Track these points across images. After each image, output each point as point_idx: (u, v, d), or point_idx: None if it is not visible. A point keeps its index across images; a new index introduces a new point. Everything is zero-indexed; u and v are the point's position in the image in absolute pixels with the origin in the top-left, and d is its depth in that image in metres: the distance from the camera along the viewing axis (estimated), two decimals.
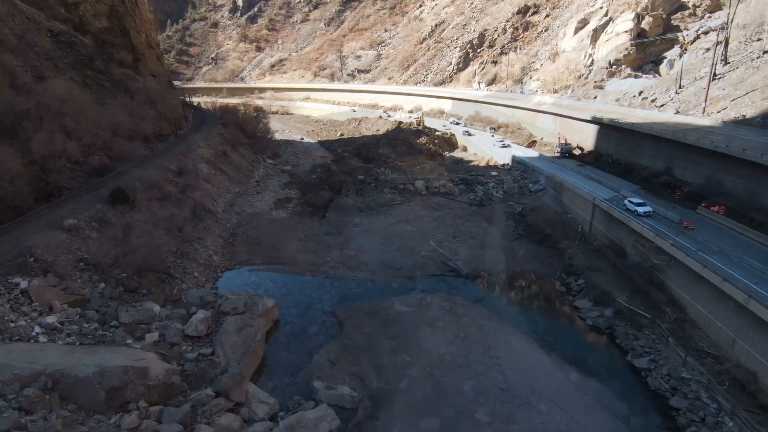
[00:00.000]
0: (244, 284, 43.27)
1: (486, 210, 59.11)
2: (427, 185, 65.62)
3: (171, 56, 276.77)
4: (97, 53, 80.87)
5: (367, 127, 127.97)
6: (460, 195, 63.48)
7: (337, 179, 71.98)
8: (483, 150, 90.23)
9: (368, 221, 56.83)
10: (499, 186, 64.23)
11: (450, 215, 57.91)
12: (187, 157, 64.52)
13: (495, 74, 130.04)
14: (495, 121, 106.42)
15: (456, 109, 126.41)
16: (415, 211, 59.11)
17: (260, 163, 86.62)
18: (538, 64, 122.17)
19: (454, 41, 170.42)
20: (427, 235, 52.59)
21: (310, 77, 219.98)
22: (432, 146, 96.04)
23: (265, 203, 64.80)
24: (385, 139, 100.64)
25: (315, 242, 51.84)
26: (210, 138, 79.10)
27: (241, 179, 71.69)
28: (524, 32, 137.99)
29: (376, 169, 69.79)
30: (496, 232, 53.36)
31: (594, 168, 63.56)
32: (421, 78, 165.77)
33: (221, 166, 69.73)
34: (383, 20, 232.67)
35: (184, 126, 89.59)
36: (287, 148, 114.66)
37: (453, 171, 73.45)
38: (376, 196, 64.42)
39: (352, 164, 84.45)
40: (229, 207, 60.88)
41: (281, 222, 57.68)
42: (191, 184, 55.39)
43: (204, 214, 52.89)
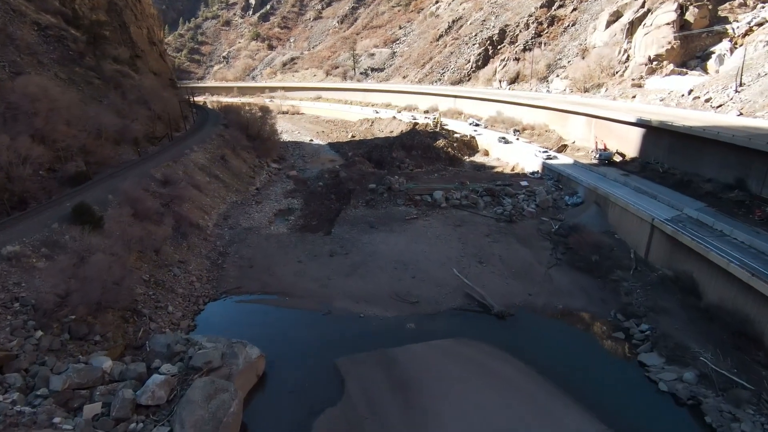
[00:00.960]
0: (228, 321, 35.97)
1: (516, 227, 50.86)
2: (446, 196, 57.63)
3: (182, 55, 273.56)
4: (89, 49, 74.72)
5: (380, 128, 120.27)
6: (485, 208, 55.33)
7: (345, 188, 64.48)
8: (507, 154, 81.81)
9: (379, 239, 49.13)
10: (530, 198, 55.85)
11: (474, 233, 49.85)
12: (177, 163, 57.66)
13: (517, 72, 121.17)
14: (519, 122, 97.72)
15: (475, 110, 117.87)
16: (433, 228, 51.19)
17: (263, 168, 79.62)
18: (565, 61, 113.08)
19: (472, 38, 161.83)
20: (448, 258, 44.68)
21: (322, 76, 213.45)
22: (450, 150, 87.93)
23: (264, 215, 57.57)
24: (399, 141, 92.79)
25: (317, 265, 44.33)
26: (208, 141, 72.31)
27: (239, 187, 64.65)
28: (549, 27, 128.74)
29: (389, 177, 62.00)
30: (530, 255, 45.15)
31: (641, 178, 54.82)
32: (437, 76, 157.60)
33: (217, 172, 62.76)
34: (398, 17, 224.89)
35: (183, 127, 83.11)
36: (295, 151, 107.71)
37: (475, 179, 65.26)
38: (389, 208, 56.70)
39: (362, 170, 76.87)
40: (222, 220, 53.78)
41: (280, 239, 50.33)
42: (178, 195, 48.39)
43: (190, 231, 45.81)
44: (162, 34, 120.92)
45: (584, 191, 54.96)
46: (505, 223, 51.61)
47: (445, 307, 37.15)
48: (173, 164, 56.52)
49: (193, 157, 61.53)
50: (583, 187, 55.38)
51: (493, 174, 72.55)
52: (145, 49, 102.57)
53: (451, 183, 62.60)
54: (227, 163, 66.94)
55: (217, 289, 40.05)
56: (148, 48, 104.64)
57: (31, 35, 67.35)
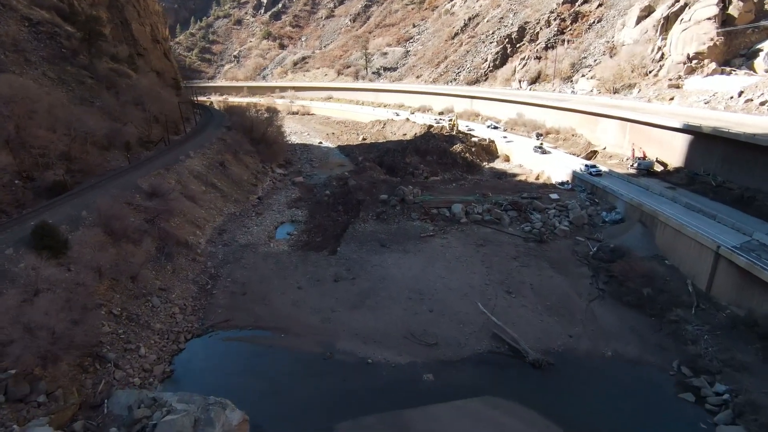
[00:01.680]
0: (211, 366, 30.41)
1: (548, 248, 44.47)
2: (466, 210, 51.44)
3: (193, 54, 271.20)
4: (83, 46, 70.14)
5: (392, 130, 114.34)
6: (510, 225, 49.01)
7: (354, 198, 58.71)
8: (530, 161, 75.21)
9: (391, 261, 43.20)
10: (562, 214, 49.33)
11: (500, 255, 43.62)
12: (170, 170, 52.45)
13: (539, 71, 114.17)
14: (542, 125, 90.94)
15: (493, 111, 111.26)
16: (452, 248, 45.06)
17: (267, 174, 74.26)
18: (590, 59, 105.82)
19: (489, 36, 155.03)
20: (470, 286, 38.58)
21: (334, 75, 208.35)
22: (468, 155, 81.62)
23: (263, 229, 52.06)
24: (412, 145, 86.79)
25: (319, 292, 38.59)
26: (208, 145, 67.13)
27: (239, 197, 59.27)
28: (573, 24, 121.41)
29: (402, 187, 55.95)
30: (567, 284, 38.81)
31: (690, 192, 48.01)
32: (452, 76, 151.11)
33: (214, 180, 57.46)
34: (411, 15, 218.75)
35: (183, 130, 78.19)
36: (302, 154, 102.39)
37: (498, 190, 58.90)
38: (402, 223, 50.74)
39: (373, 177, 71.04)
40: (216, 236, 48.37)
41: (279, 258, 44.70)
42: (166, 209, 43.06)
43: (176, 250, 40.42)
44: (167, 31, 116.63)
45: (624, 207, 48.29)
46: (535, 243, 45.22)
47: (469, 352, 31.09)
48: (165, 172, 51.32)
49: (189, 164, 56.32)
50: (623, 202, 48.71)
51: (516, 183, 66.04)
52: (147, 48, 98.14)
53: (471, 194, 56.35)
54: (227, 170, 61.66)
55: (202, 321, 34.54)
56: (151, 46, 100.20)
57: (20, 31, 62.90)
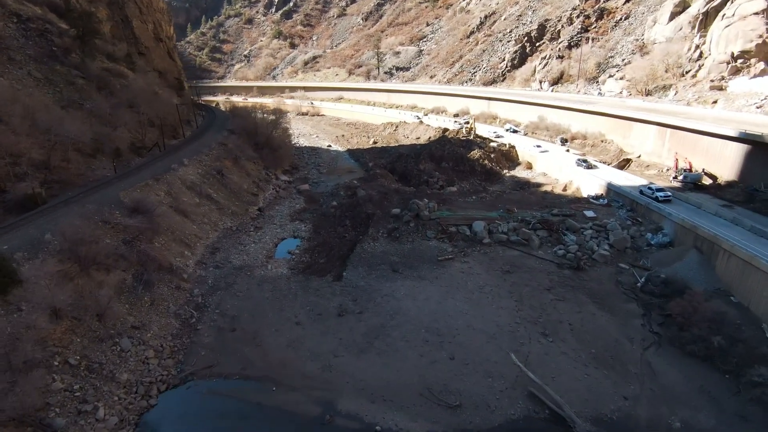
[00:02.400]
0: (185, 430, 25.02)
1: (586, 277, 38.30)
2: (489, 228, 45.49)
3: (204, 53, 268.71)
4: (76, 44, 65.66)
5: (404, 133, 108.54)
6: (540, 247, 42.90)
7: (363, 211, 53.08)
8: (556, 169, 68.85)
9: (404, 290, 37.44)
10: (600, 235, 43.04)
11: (531, 284, 37.58)
12: (160, 181, 47.35)
13: (561, 72, 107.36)
14: (566, 130, 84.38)
15: (512, 114, 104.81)
16: (475, 275, 39.14)
17: (270, 182, 68.98)
18: (618, 59, 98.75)
19: (507, 34, 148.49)
20: (498, 326, 32.65)
21: (345, 75, 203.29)
22: (487, 162, 75.47)
23: (262, 247, 46.67)
24: (427, 151, 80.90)
25: (320, 330, 33.01)
26: (206, 151, 62.05)
27: (237, 209, 53.99)
28: (598, 21, 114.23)
29: (417, 201, 50.15)
30: (614, 325, 32.66)
31: (751, 212, 41.44)
32: (467, 76, 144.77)
33: (210, 191, 52.27)
34: (425, 14, 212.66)
35: (182, 134, 73.33)
36: (310, 158, 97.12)
37: (523, 204, 52.75)
38: (417, 242, 44.96)
39: (384, 186, 65.38)
40: (208, 256, 43.09)
41: (277, 284, 39.24)
42: (149, 227, 37.92)
43: (158, 277, 35.16)
44: (172, 30, 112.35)
45: (673, 228, 41.88)
46: (571, 271, 39.05)
47: (500, 418, 25.20)
48: (154, 183, 46.24)
49: (182, 173, 51.18)
50: (671, 223, 42.28)
51: (542, 196, 59.71)
52: (149, 46, 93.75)
53: (493, 210, 50.30)
54: (225, 179, 56.47)
55: (181, 367, 29.15)
56: (153, 45, 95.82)
57: (5, 28, 58.54)
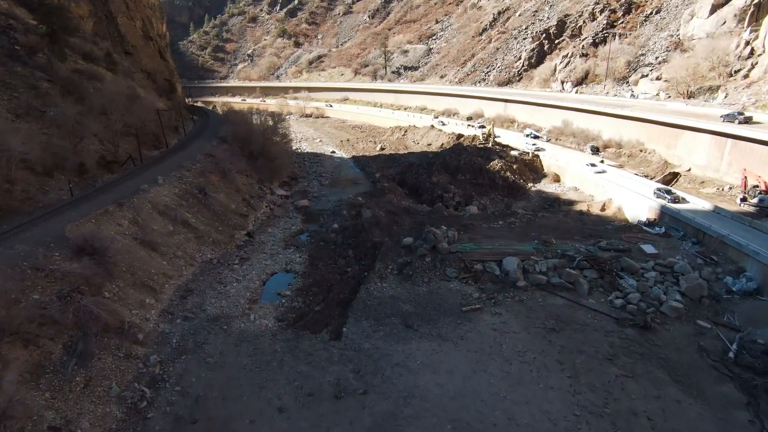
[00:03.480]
0: None
1: (658, 340, 29.56)
2: (524, 266, 36.96)
3: (206, 53, 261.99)
4: (45, 43, 58.00)
5: (414, 138, 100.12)
6: (590, 293, 34.27)
7: (368, 239, 44.76)
8: (590, 184, 60.09)
9: (422, 357, 29.02)
10: (666, 279, 34.30)
11: (586, 350, 28.91)
12: (123, 206, 39.28)
13: (586, 71, 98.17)
14: (596, 136, 75.44)
15: (532, 117, 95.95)
16: (511, 335, 30.59)
17: (264, 198, 60.84)
18: (651, 56, 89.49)
19: (522, 31, 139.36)
20: (550, 418, 24.09)
21: (350, 75, 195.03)
22: (509, 174, 66.82)
23: (245, 288, 38.43)
24: (440, 160, 72.45)
25: (311, 421, 24.66)
26: (188, 165, 54.00)
27: (220, 236, 45.82)
28: (625, 16, 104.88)
29: (434, 229, 41.64)
30: (710, 421, 23.95)
31: None
32: (480, 76, 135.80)
33: (187, 215, 44.13)
34: (434, 11, 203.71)
35: (165, 143, 65.36)
36: (312, 166, 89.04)
37: (561, 232, 43.96)
38: (434, 283, 36.53)
39: (393, 204, 57.01)
40: (178, 302, 34.94)
41: (260, 345, 30.99)
42: (97, 272, 29.87)
43: (101, 343, 27.04)
44: (164, 28, 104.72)
45: (761, 271, 33.13)
46: (636, 330, 30.34)
47: None
48: (116, 210, 38.23)
49: (154, 195, 43.11)
50: (757, 264, 33.51)
51: (578, 218, 50.89)
52: (137, 45, 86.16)
53: (526, 240, 41.68)
54: (208, 199, 48.36)
55: None
56: (141, 43, 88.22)
57: None
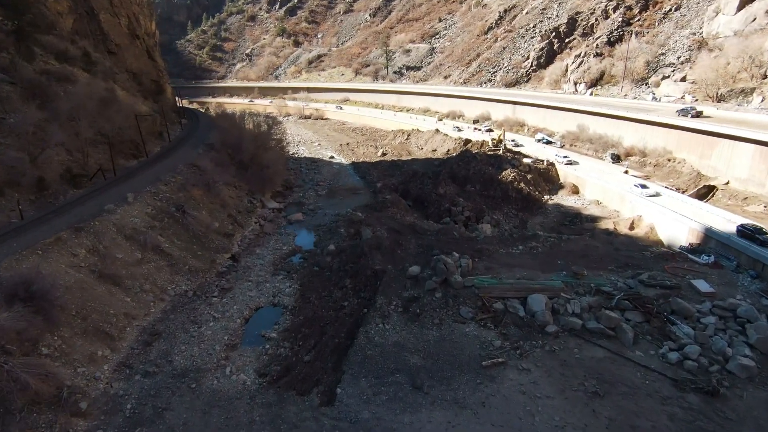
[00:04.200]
0: None
1: (730, 413, 23.49)
2: (552, 305, 31.14)
3: (204, 52, 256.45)
4: (10, 41, 52.36)
5: (418, 143, 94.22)
6: (636, 342, 28.37)
7: (368, 265, 38.94)
8: (614, 197, 54.18)
9: (431, 430, 23.21)
10: (729, 326, 28.36)
11: (640, 426, 22.90)
12: (81, 232, 33.52)
13: (601, 71, 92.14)
14: (616, 143, 69.52)
15: (544, 121, 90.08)
16: (544, 401, 24.68)
17: (254, 213, 55.02)
18: (672, 56, 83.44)
19: (530, 30, 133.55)
20: None
21: (351, 75, 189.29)
22: (524, 186, 60.90)
23: (224, 329, 32.60)
24: (447, 169, 66.58)
25: None
26: (166, 178, 48.21)
27: (198, 261, 39.95)
28: (642, 13, 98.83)
29: (444, 258, 35.73)
30: None
31: None
32: (486, 77, 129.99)
33: (160, 239, 38.34)
34: (437, 9, 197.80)
35: (144, 152, 59.56)
36: (309, 174, 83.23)
37: (590, 258, 38.07)
38: (448, 327, 30.67)
39: (396, 221, 51.19)
40: (140, 351, 29.12)
41: (234, 412, 25.18)
42: (33, 325, 24.12)
43: (26, 421, 21.31)
44: (153, 26, 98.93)
45: None
46: (699, 396, 24.51)
47: None
48: (71, 236, 32.48)
49: (121, 216, 37.34)
50: None
51: (606, 239, 44.87)
52: (121, 44, 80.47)
53: (552, 269, 35.76)
54: (187, 218, 42.57)
55: None
56: (127, 42, 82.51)
57: None
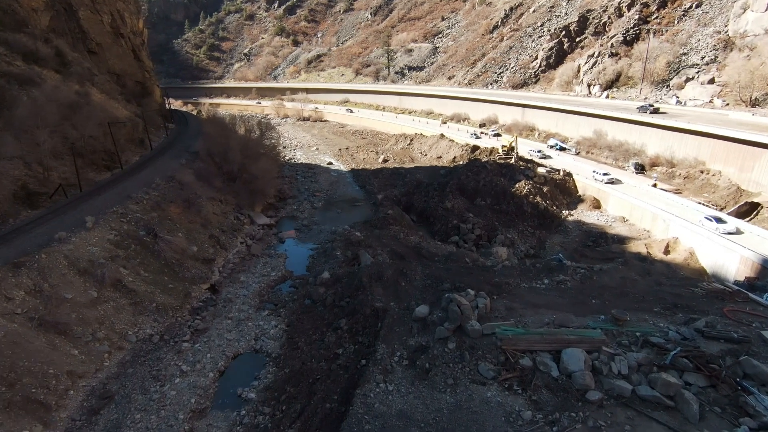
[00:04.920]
0: None
1: None
2: (593, 363, 25.48)
3: (201, 52, 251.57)
4: None
5: (421, 149, 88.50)
6: (703, 416, 22.82)
7: (367, 300, 33.22)
8: (645, 215, 48.42)
9: None
10: None
11: None
12: (21, 269, 27.76)
13: (618, 72, 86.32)
14: (638, 151, 63.76)
15: (556, 125, 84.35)
16: None
17: (240, 231, 49.28)
18: (696, 56, 77.60)
19: (538, 28, 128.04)
20: None
21: (351, 76, 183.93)
22: (540, 200, 55.12)
23: (192, 386, 26.90)
24: (455, 180, 60.84)
25: None
26: (140, 194, 42.54)
27: (168, 296, 34.19)
28: (660, 10, 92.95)
29: (457, 298, 29.94)
30: None
31: None
32: (492, 77, 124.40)
33: (123, 272, 32.59)
34: (440, 7, 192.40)
35: (119, 163, 53.87)
36: (305, 183, 77.51)
37: (629, 297, 32.23)
38: (464, 390, 24.83)
39: (399, 241, 45.49)
40: (82, 423, 23.43)
41: None
42: None
43: None
44: (141, 24, 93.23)
45: None
46: None
47: None
48: (8, 275, 26.81)
49: (75, 246, 31.64)
50: None
51: (641, 267, 39.03)
52: (103, 43, 74.87)
53: (586, 311, 29.94)
54: (159, 243, 36.88)
55: None
56: (109, 41, 76.89)
57: None
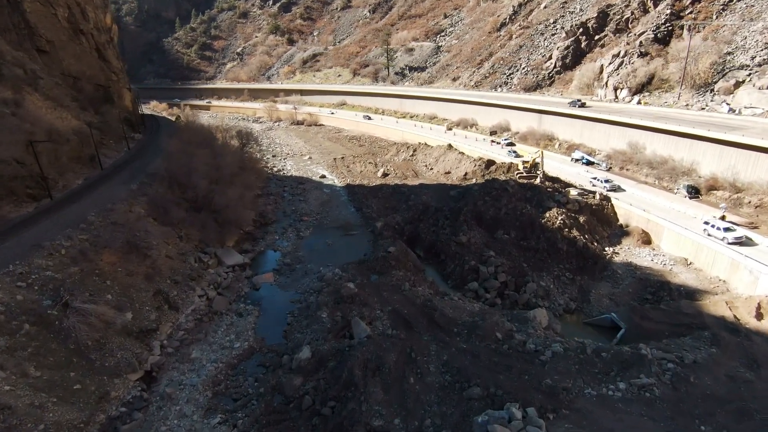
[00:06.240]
0: None
1: None
2: None
3: (192, 51, 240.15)
4: None
5: (426, 161, 77.73)
6: None
7: (360, 418, 22.63)
8: (718, 258, 37.93)
9: None
10: None
11: None
12: None
13: (650, 75, 75.64)
14: (688, 169, 53.20)
15: (581, 136, 73.69)
16: None
17: (202, 278, 38.45)
18: (744, 56, 67.02)
19: (550, 26, 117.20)
20: None
21: (349, 76, 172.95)
22: (578, 234, 44.41)
23: None
24: (469, 204, 50.05)
25: None
26: (61, 239, 31.84)
27: (69, 409, 23.20)
28: (695, 3, 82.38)
29: (499, 429, 19.42)
30: None
31: None
32: (501, 79, 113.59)
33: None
34: (442, 4, 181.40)
35: (47, 193, 43.01)
36: (292, 202, 66.54)
37: (746, 413, 21.82)
38: None
39: (404, 294, 34.97)
40: None
41: None
42: None
43: None
44: (108, 19, 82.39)
45: None
46: None
47: None
48: None
49: None
50: None
51: (732, 343, 28.52)
52: (56, 41, 63.99)
53: None
54: (69, 318, 26.20)
55: None
56: (65, 39, 65.98)
57: None
